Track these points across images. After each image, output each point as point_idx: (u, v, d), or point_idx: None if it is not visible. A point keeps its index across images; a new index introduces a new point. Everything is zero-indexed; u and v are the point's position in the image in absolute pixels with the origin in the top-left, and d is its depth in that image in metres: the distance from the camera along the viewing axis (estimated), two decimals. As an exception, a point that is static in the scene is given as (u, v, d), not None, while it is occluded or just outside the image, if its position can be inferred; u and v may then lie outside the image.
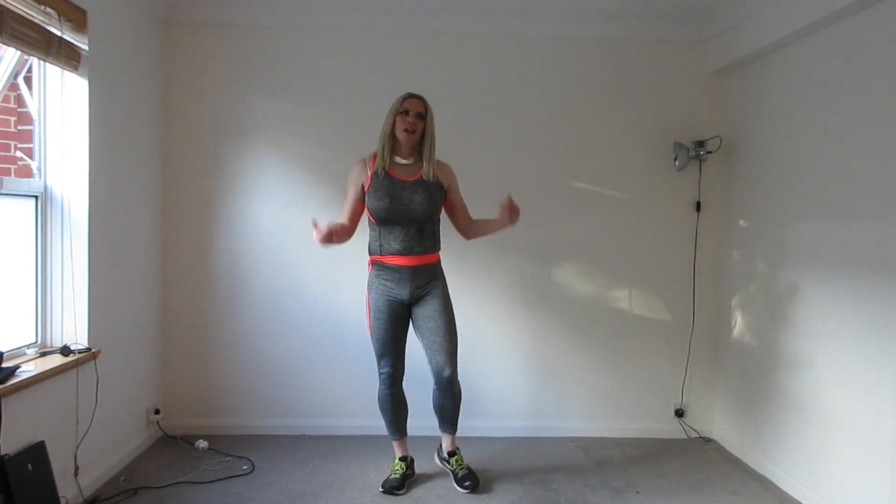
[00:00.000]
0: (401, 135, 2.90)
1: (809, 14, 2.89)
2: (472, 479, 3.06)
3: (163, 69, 3.68)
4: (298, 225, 3.76)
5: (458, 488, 3.06)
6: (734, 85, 3.77)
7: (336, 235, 2.79)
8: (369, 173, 2.95)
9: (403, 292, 2.96)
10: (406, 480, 3.10)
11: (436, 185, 2.97)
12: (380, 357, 3.04)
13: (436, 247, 3.04)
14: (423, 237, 2.95)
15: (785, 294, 3.24)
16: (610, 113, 3.84)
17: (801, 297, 3.10)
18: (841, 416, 2.80)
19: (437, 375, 3.01)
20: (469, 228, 3.14)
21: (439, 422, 3.16)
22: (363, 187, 2.96)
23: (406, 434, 3.18)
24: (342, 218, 2.98)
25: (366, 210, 2.99)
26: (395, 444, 3.18)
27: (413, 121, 2.89)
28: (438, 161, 3.03)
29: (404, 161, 2.97)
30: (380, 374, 3.07)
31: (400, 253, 2.93)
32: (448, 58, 3.79)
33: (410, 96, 2.94)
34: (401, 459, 3.15)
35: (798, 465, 3.08)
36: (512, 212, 2.90)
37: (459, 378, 3.12)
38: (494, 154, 3.81)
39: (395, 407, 3.08)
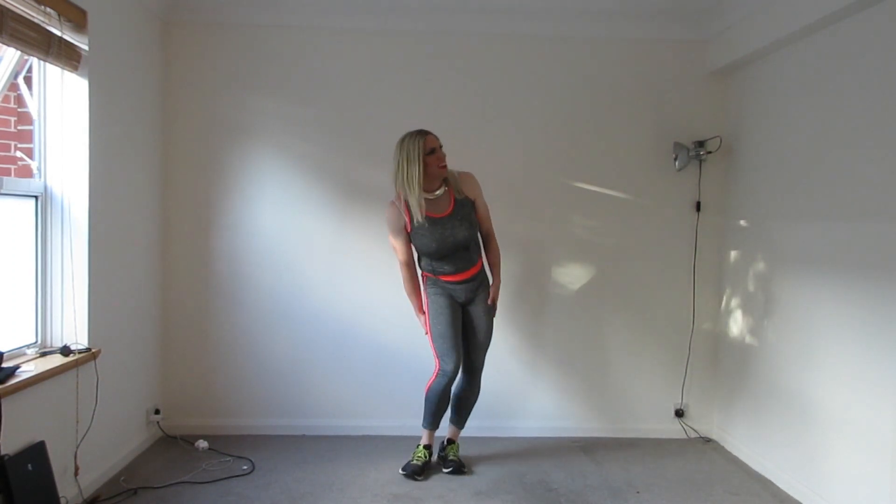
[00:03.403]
0: (436, 171, 3.03)
1: (809, 14, 2.89)
2: (454, 465, 3.25)
3: (163, 69, 3.67)
4: (298, 225, 3.77)
5: (442, 468, 3.27)
6: (734, 85, 3.77)
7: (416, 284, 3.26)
8: (406, 219, 3.09)
9: (460, 296, 3.19)
10: (425, 467, 3.25)
11: (469, 205, 3.15)
12: (443, 353, 3.14)
13: (480, 253, 3.25)
14: (469, 254, 3.15)
15: (785, 294, 3.24)
16: (610, 113, 3.84)
17: (801, 296, 3.10)
18: (841, 416, 2.80)
19: (471, 365, 3.26)
20: (485, 246, 3.30)
21: (452, 412, 3.35)
22: (406, 229, 3.13)
23: (438, 426, 3.34)
24: (403, 256, 3.18)
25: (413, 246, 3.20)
26: (425, 432, 3.34)
27: (442, 155, 3.05)
28: (460, 173, 3.17)
29: (433, 195, 3.09)
30: (442, 369, 3.16)
31: (454, 273, 3.14)
32: (448, 58, 3.78)
33: (426, 133, 3.03)
34: (425, 447, 3.30)
35: (798, 465, 3.08)
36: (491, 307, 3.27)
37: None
38: (494, 153, 3.80)
39: (443, 401, 3.25)
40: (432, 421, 3.30)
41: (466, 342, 3.25)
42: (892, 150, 2.54)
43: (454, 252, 3.09)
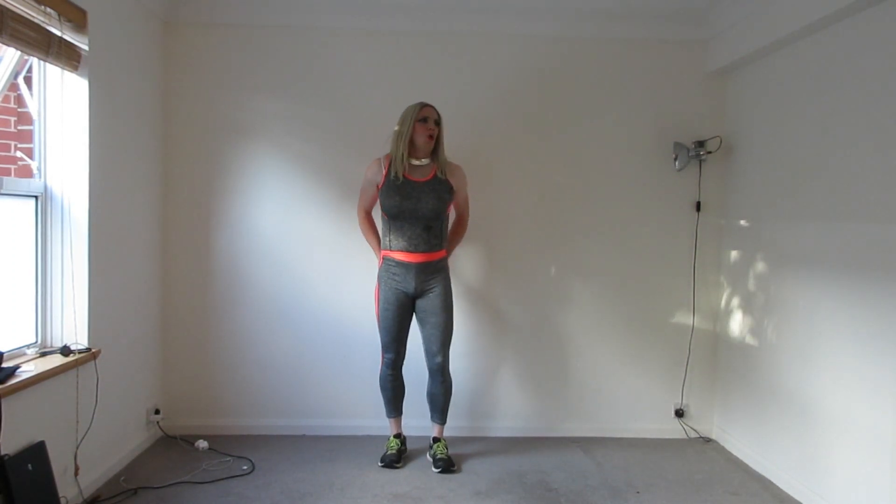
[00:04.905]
0: (422, 140, 3.17)
1: (809, 14, 2.89)
2: (443, 463, 3.27)
3: (163, 69, 3.67)
4: (298, 225, 3.76)
5: (433, 468, 3.29)
6: (734, 85, 3.77)
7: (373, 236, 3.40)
8: (384, 172, 3.22)
9: (409, 286, 3.22)
10: (401, 455, 3.37)
11: (446, 186, 3.23)
12: (385, 344, 3.32)
13: (442, 245, 3.28)
14: (429, 235, 3.20)
15: (785, 294, 3.24)
16: (610, 113, 3.84)
17: (801, 296, 3.10)
18: (841, 415, 2.80)
19: (430, 361, 3.31)
20: (456, 222, 3.47)
21: (430, 411, 3.41)
22: (377, 186, 3.25)
23: (401, 413, 3.47)
24: (365, 206, 3.38)
25: (378, 206, 3.29)
26: (391, 421, 3.46)
27: (433, 127, 3.18)
28: (450, 163, 3.29)
29: (418, 162, 3.22)
30: (384, 357, 3.36)
31: (406, 250, 3.20)
32: (448, 58, 3.78)
33: (426, 105, 3.20)
34: (395, 437, 3.43)
35: (798, 465, 3.08)
36: None
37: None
38: (494, 153, 3.80)
39: (394, 387, 3.40)
40: (391, 409, 3.44)
41: (424, 338, 3.31)
42: (892, 150, 2.55)
43: (413, 220, 3.16)
